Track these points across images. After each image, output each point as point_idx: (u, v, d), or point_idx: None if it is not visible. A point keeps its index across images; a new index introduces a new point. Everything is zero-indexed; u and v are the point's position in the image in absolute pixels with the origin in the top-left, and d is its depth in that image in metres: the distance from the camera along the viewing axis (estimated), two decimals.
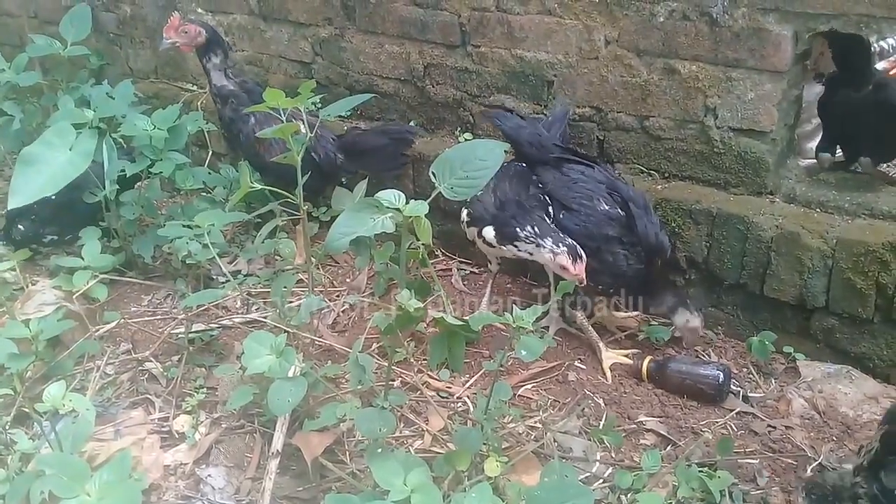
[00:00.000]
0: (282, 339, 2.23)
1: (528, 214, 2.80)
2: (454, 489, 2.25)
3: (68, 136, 2.82)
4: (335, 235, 2.04)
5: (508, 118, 3.05)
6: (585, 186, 2.85)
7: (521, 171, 3.01)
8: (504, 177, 2.96)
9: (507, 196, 2.90)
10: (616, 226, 2.78)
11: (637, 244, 2.77)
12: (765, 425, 2.63)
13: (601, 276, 2.83)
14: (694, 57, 2.86)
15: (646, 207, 2.80)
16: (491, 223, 2.90)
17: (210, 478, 2.51)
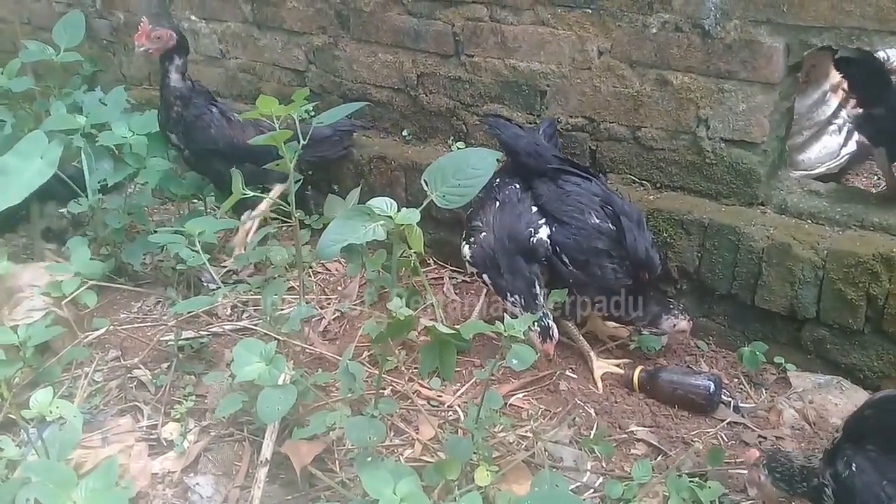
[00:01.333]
0: (272, 347, 2.22)
1: (519, 280, 2.80)
2: (444, 498, 2.24)
3: (40, 145, 2.85)
4: (326, 242, 2.04)
5: (507, 127, 3.04)
6: (578, 199, 2.83)
7: (522, 202, 2.94)
8: (504, 210, 2.93)
9: (504, 245, 2.87)
10: (605, 239, 2.77)
11: (626, 258, 2.77)
12: (755, 436, 2.62)
13: (588, 288, 2.83)
14: (686, 68, 2.87)
15: (639, 222, 2.79)
16: (488, 272, 2.91)
17: (198, 486, 2.49)
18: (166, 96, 3.43)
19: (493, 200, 2.97)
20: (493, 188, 3.01)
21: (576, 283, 2.82)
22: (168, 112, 3.44)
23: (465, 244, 3.00)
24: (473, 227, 2.98)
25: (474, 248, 2.94)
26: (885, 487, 1.77)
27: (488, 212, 2.95)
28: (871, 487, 1.79)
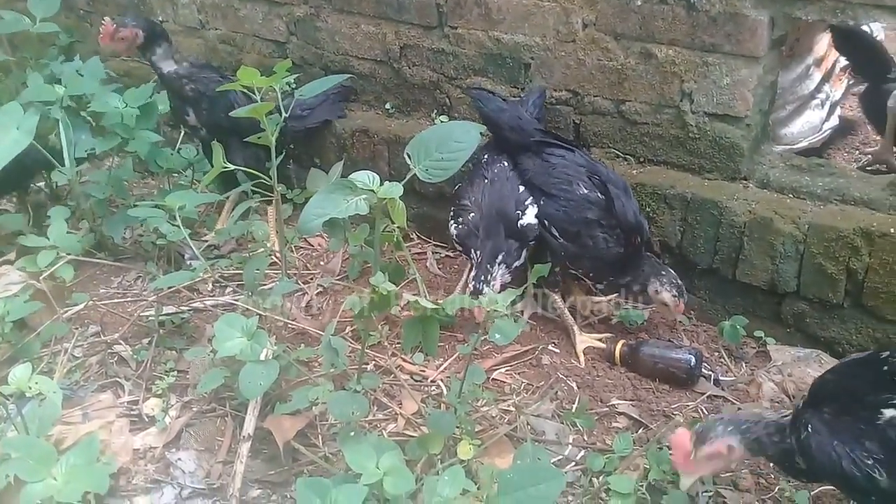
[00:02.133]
0: (253, 322, 2.21)
1: (507, 256, 2.82)
2: (427, 472, 2.25)
3: (16, 115, 2.82)
4: (308, 216, 2.02)
5: (490, 100, 3.02)
6: (565, 171, 2.84)
7: (511, 181, 2.93)
8: (494, 187, 2.91)
9: (490, 222, 2.86)
10: (595, 209, 2.78)
11: (616, 226, 2.77)
12: (735, 409, 2.65)
13: (582, 260, 2.84)
14: (671, 41, 2.85)
15: (625, 189, 2.81)
16: (477, 248, 2.89)
17: (180, 461, 2.48)
18: (169, 83, 3.37)
19: (482, 178, 2.95)
20: (481, 164, 3.01)
21: (567, 256, 2.82)
22: (180, 94, 3.37)
23: (453, 223, 2.99)
24: (462, 205, 2.96)
25: (461, 228, 2.94)
26: (836, 447, 1.81)
27: (476, 190, 2.94)
28: (823, 447, 1.83)
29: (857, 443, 1.80)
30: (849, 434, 1.81)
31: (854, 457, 1.79)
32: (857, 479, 1.79)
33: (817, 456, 1.85)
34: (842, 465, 1.80)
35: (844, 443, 1.81)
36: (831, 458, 1.82)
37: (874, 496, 1.80)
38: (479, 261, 2.79)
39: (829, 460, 1.82)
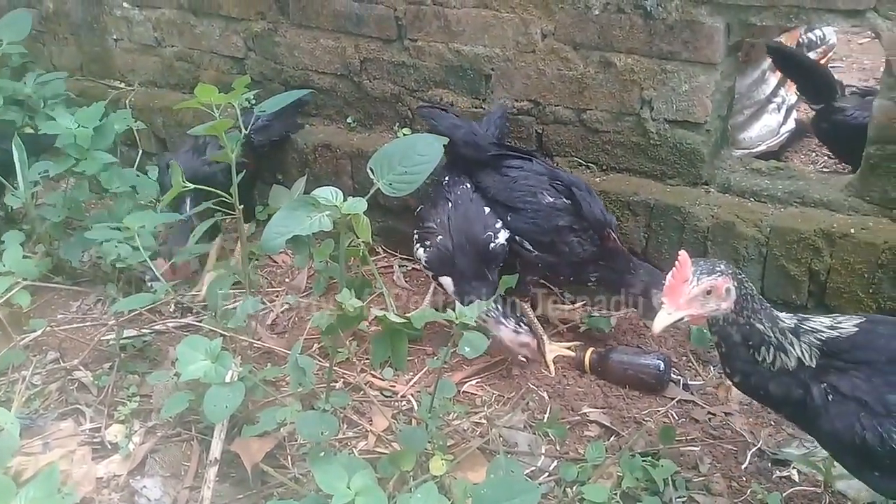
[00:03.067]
0: (217, 343, 2.16)
1: (486, 286, 2.79)
2: (400, 490, 2.22)
3: None
4: (271, 235, 1.99)
5: (443, 117, 3.00)
6: (527, 182, 2.83)
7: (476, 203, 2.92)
8: (458, 210, 2.90)
9: (464, 250, 2.83)
10: (564, 215, 2.77)
11: (588, 227, 2.75)
12: (705, 413, 2.66)
13: (559, 267, 2.83)
14: (629, 50, 2.87)
15: (588, 189, 2.81)
16: (448, 275, 2.87)
17: (145, 489, 2.42)
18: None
19: (445, 200, 2.94)
20: (442, 186, 2.99)
21: (545, 266, 2.82)
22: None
23: (420, 247, 2.95)
24: (427, 228, 2.94)
25: (430, 252, 2.90)
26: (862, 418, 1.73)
27: (441, 212, 2.92)
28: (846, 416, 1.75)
29: (889, 416, 1.70)
30: (881, 404, 1.71)
31: (883, 430, 1.70)
32: (876, 451, 1.71)
33: (836, 423, 1.75)
34: (864, 437, 1.71)
35: (874, 413, 1.71)
36: (852, 429, 1.73)
37: (881, 471, 1.75)
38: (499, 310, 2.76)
39: (850, 430, 1.73)
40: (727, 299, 1.82)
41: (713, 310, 1.84)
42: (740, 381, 1.92)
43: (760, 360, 1.85)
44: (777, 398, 1.87)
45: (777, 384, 1.84)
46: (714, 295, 1.82)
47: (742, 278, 1.86)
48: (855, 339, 1.80)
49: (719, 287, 1.81)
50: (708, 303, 1.82)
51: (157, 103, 4.02)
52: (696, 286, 1.80)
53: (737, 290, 1.83)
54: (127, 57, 4.21)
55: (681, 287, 1.80)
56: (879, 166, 2.64)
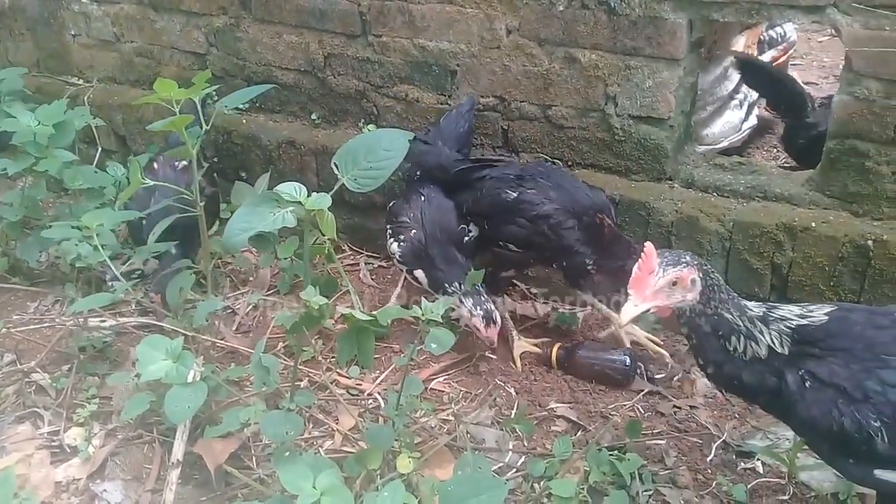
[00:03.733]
0: (178, 343, 2.12)
1: (455, 268, 2.79)
2: (367, 489, 2.20)
3: None
4: (233, 231, 1.95)
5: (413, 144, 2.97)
6: (492, 185, 2.83)
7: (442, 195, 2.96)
8: (432, 204, 2.92)
9: (436, 238, 2.85)
10: (534, 206, 2.74)
11: (577, 214, 2.72)
12: (671, 406, 2.67)
13: (557, 257, 2.78)
14: (593, 45, 2.88)
15: (570, 177, 2.84)
16: (422, 268, 2.86)
17: (106, 493, 2.38)
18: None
19: (418, 195, 2.95)
20: (414, 181, 2.99)
21: (539, 260, 2.84)
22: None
23: (394, 241, 2.94)
24: (401, 223, 2.93)
25: (404, 246, 2.89)
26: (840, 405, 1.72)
27: (414, 206, 2.92)
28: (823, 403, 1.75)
29: (867, 402, 1.70)
30: (860, 390, 1.71)
31: (860, 416, 1.70)
32: (853, 438, 1.71)
33: (813, 410, 1.75)
34: (842, 424, 1.71)
35: (852, 399, 1.71)
36: (829, 415, 1.73)
37: (857, 458, 1.75)
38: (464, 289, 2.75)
39: (828, 417, 1.73)
40: (693, 290, 1.84)
41: (679, 301, 1.85)
42: (714, 373, 1.92)
43: (731, 349, 1.85)
44: (751, 387, 1.87)
45: (750, 373, 1.85)
46: (680, 286, 1.83)
47: (708, 269, 1.87)
48: (829, 328, 1.82)
49: (684, 278, 1.82)
50: (674, 294, 1.83)
51: (117, 100, 3.94)
52: (662, 277, 1.81)
53: (702, 280, 1.84)
54: (85, 53, 4.12)
55: (647, 278, 1.82)
56: (839, 161, 2.68)
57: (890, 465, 1.71)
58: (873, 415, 1.69)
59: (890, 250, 2.57)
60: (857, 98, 2.56)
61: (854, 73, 2.54)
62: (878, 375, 1.71)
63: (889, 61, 2.46)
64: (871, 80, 2.52)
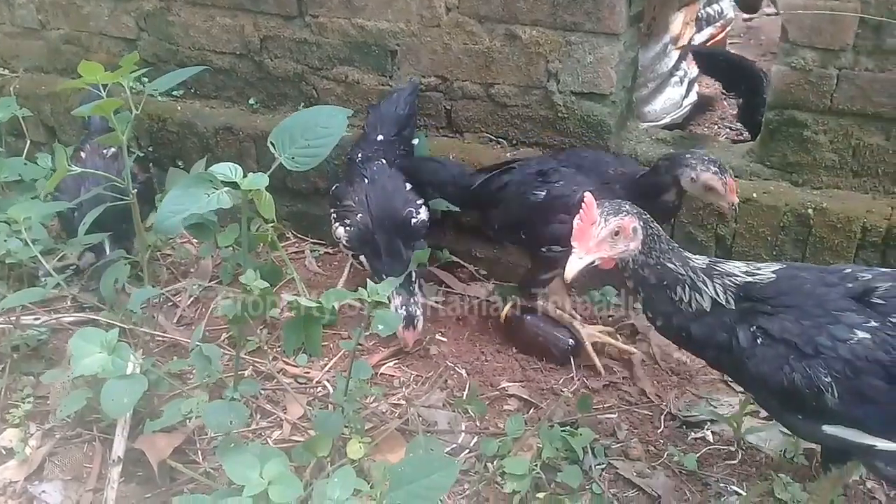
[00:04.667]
0: (113, 335, 2.03)
1: (398, 263, 2.75)
2: (317, 477, 2.15)
3: None
4: (165, 214, 1.86)
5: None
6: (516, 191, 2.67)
7: (394, 179, 2.90)
8: (377, 187, 2.86)
9: (383, 225, 2.80)
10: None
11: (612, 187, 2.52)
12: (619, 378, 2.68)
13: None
14: (533, 22, 2.85)
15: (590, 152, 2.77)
16: (365, 253, 2.83)
17: (45, 494, 2.29)
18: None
19: (361, 177, 2.89)
20: (356, 164, 2.94)
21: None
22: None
23: (340, 226, 2.88)
24: (345, 206, 2.87)
25: (350, 231, 2.84)
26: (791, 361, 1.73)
27: (358, 190, 2.86)
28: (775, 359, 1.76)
29: (818, 357, 1.71)
30: (811, 346, 1.71)
31: (811, 372, 1.70)
32: (804, 394, 1.71)
33: (763, 366, 1.75)
34: (793, 379, 1.71)
35: (803, 355, 1.71)
36: (780, 371, 1.73)
37: (806, 414, 1.75)
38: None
39: (779, 372, 1.73)
40: (635, 238, 1.83)
41: (622, 251, 1.83)
42: (663, 325, 1.91)
43: (678, 299, 1.84)
44: (700, 341, 1.86)
45: (699, 326, 1.84)
46: (622, 235, 1.82)
47: (647, 218, 1.86)
48: (779, 286, 1.82)
49: (626, 226, 1.81)
50: (617, 244, 1.82)
51: (45, 90, 3.78)
52: (604, 227, 1.79)
53: (643, 229, 1.83)
54: (9, 42, 3.94)
55: (589, 230, 1.80)
56: (778, 131, 2.71)
57: (838, 420, 1.72)
58: (824, 370, 1.69)
59: (829, 218, 2.62)
60: (794, 68, 2.59)
61: (790, 43, 2.56)
62: (829, 331, 1.71)
63: (823, 30, 2.50)
64: (806, 50, 2.55)
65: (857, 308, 1.74)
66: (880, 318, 1.71)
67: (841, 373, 1.69)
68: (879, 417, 1.71)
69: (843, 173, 2.70)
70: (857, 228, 2.59)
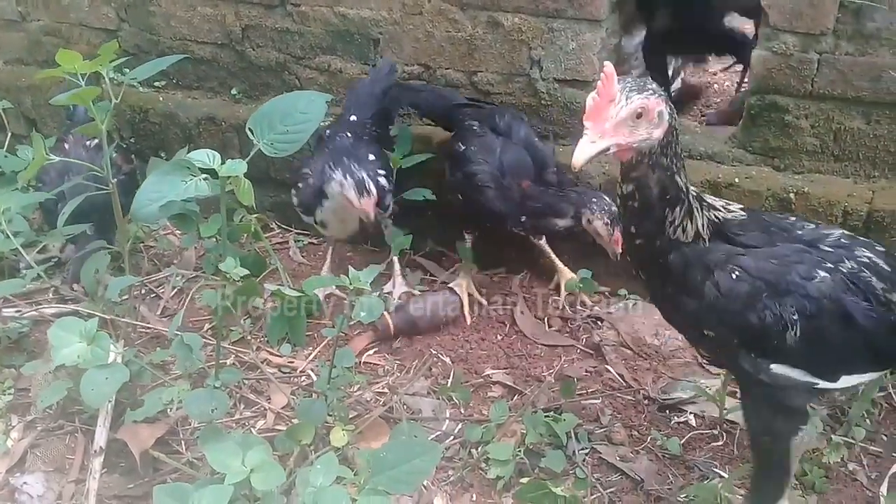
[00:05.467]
0: (93, 324, 2.01)
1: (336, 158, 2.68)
2: (300, 464, 2.14)
3: None
4: (142, 202, 1.85)
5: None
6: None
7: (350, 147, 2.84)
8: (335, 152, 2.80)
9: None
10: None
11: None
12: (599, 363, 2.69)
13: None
14: (516, 8, 2.85)
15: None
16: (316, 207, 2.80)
17: (26, 486, 2.26)
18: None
19: (324, 150, 2.85)
20: (323, 139, 2.92)
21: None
22: None
23: (294, 192, 2.89)
24: (302, 174, 2.85)
25: (301, 191, 2.82)
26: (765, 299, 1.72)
27: (318, 159, 2.83)
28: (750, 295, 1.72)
29: (788, 294, 1.69)
30: (783, 283, 1.69)
31: (780, 309, 1.68)
32: (771, 331, 1.70)
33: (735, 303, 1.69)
34: (764, 316, 1.68)
35: (776, 292, 1.68)
36: (752, 308, 1.68)
37: (761, 352, 1.75)
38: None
39: (751, 310, 1.69)
40: (660, 125, 1.58)
41: (643, 139, 1.57)
42: (643, 244, 1.75)
43: (670, 221, 1.69)
44: (670, 272, 1.75)
45: (679, 256, 1.73)
46: (645, 119, 1.55)
47: (672, 106, 1.63)
48: (748, 225, 1.80)
49: (651, 109, 1.55)
50: (638, 129, 1.55)
51: (25, 82, 3.74)
52: (626, 106, 1.53)
53: (670, 115, 1.60)
54: None
55: (606, 108, 1.52)
56: (760, 116, 2.71)
57: (790, 360, 1.75)
58: (792, 307, 1.69)
59: (811, 202, 2.63)
60: (775, 53, 2.59)
61: (771, 28, 2.56)
62: (797, 270, 1.71)
63: (804, 14, 2.50)
64: (787, 35, 2.55)
65: (813, 251, 1.77)
66: (832, 264, 1.75)
67: (806, 310, 1.70)
68: (829, 358, 1.77)
69: (824, 158, 2.71)
70: (838, 212, 2.60)
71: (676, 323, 1.95)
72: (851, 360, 1.82)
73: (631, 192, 1.69)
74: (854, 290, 1.74)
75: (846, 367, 1.83)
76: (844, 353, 1.79)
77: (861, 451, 2.32)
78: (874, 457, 2.31)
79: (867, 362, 1.84)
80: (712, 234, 1.76)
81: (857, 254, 1.80)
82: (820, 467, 2.22)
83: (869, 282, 1.76)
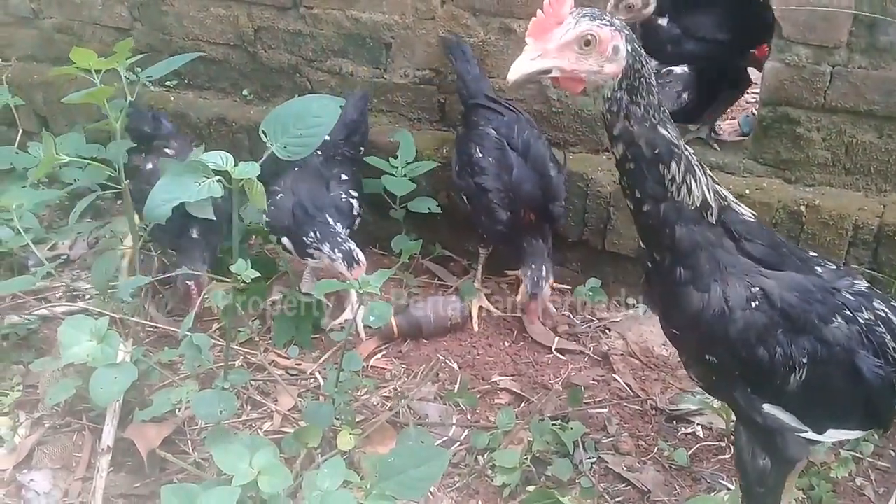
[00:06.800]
0: (103, 323, 2.02)
1: (320, 226, 2.71)
2: (307, 467, 2.15)
3: None
4: (155, 201, 1.85)
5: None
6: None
7: (320, 166, 2.88)
8: (303, 175, 2.84)
9: (301, 199, 2.77)
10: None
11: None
12: (607, 373, 2.68)
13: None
14: (529, 15, 2.81)
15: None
16: (286, 233, 2.77)
17: (33, 482, 2.28)
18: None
19: (292, 167, 2.84)
20: None
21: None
22: None
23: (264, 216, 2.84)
24: (271, 190, 2.80)
25: (271, 212, 2.77)
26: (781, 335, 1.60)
27: (287, 179, 2.84)
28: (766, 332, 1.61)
29: (803, 333, 1.59)
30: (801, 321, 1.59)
31: (794, 349, 1.58)
32: (776, 370, 1.60)
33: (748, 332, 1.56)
34: (773, 353, 1.57)
35: (793, 329, 1.58)
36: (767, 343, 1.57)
37: (758, 388, 1.66)
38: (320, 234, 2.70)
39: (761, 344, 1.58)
40: (614, 61, 1.42)
41: (592, 71, 1.42)
42: (650, 210, 1.56)
43: (670, 179, 1.51)
44: (678, 248, 1.57)
45: (687, 231, 1.56)
46: (596, 49, 1.41)
47: (640, 49, 1.46)
48: (754, 231, 1.64)
49: (604, 40, 1.40)
50: (587, 58, 1.41)
51: (37, 79, 3.76)
52: (573, 29, 1.40)
53: (629, 56, 1.43)
54: (2, 31, 3.92)
55: (551, 27, 1.41)
56: (771, 128, 2.71)
57: (784, 402, 1.67)
58: (804, 349, 1.60)
59: (822, 215, 2.62)
60: (788, 65, 2.59)
61: (784, 40, 2.56)
62: (817, 310, 1.60)
63: (818, 27, 2.50)
64: (800, 47, 2.55)
65: (836, 294, 1.67)
66: (851, 312, 1.66)
67: (817, 355, 1.61)
68: (823, 409, 1.70)
69: (835, 171, 2.70)
70: (848, 226, 2.59)
71: (675, 323, 1.74)
72: (845, 414, 1.75)
73: (623, 154, 1.53)
74: (866, 344, 1.66)
75: (837, 421, 1.75)
76: (841, 405, 1.72)
77: (869, 466, 2.31)
78: (882, 472, 2.30)
79: (859, 419, 1.76)
80: (718, 219, 1.59)
81: (876, 306, 1.72)
82: (827, 482, 2.21)
83: (883, 338, 1.68)
